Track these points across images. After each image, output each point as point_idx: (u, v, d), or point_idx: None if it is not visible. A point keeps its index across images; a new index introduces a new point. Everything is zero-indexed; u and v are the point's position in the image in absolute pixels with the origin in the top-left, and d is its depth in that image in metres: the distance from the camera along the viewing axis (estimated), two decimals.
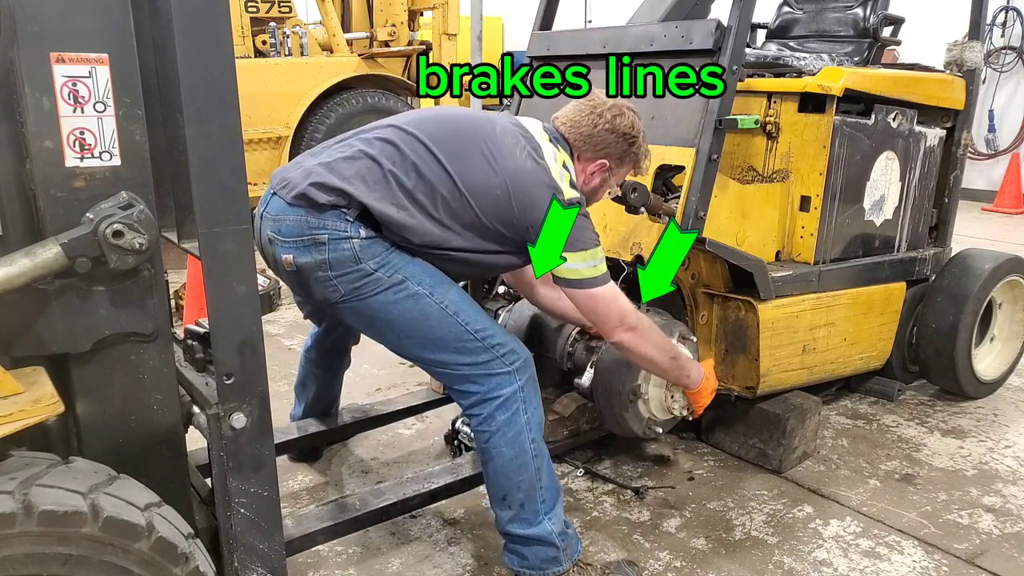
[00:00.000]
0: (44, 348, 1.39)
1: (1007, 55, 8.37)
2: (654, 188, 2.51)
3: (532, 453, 2.01)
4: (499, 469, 2.00)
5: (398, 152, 1.94)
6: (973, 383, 3.39)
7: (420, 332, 1.94)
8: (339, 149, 1.98)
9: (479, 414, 1.99)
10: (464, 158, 1.94)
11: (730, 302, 2.71)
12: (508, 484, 2.01)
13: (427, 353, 1.99)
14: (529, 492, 2.01)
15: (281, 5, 6.52)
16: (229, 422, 1.51)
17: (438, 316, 1.93)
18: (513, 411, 1.98)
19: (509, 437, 1.98)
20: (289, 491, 2.65)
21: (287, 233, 1.90)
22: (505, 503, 2.03)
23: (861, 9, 3.52)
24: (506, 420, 1.97)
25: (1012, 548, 2.40)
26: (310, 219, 1.88)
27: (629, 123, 2.12)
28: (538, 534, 2.03)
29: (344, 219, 1.88)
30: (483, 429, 2.00)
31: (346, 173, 1.90)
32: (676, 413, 2.42)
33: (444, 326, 1.94)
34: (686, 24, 2.56)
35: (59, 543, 1.22)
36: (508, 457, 1.99)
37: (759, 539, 2.43)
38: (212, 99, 1.38)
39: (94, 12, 1.32)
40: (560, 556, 2.06)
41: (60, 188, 1.34)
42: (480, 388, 1.97)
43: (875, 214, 3.06)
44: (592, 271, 1.99)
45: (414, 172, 1.92)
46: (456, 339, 1.94)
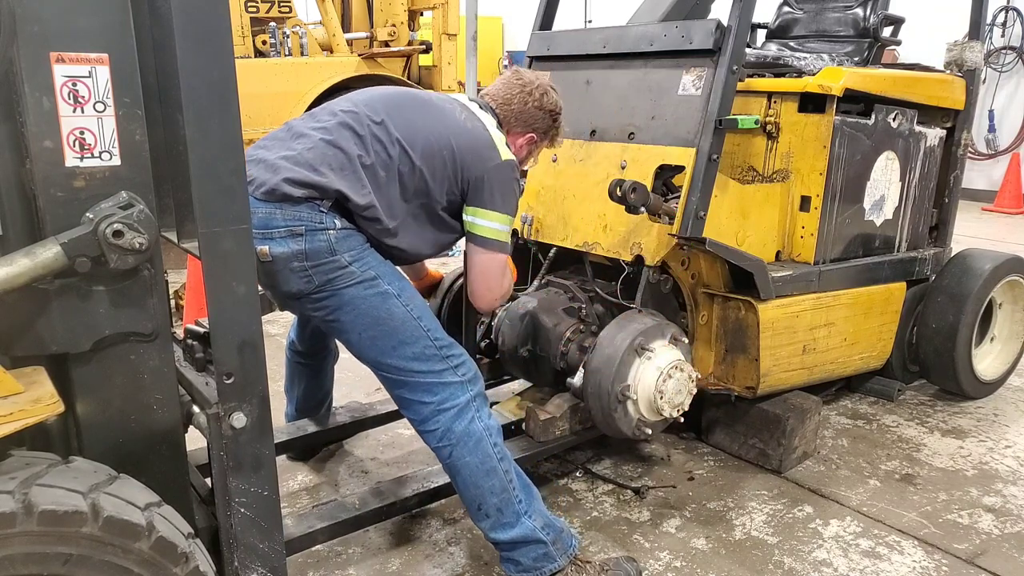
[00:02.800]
0: (44, 348, 1.39)
1: (1007, 55, 8.37)
2: (654, 188, 2.51)
3: (497, 457, 2.02)
4: (468, 480, 2.00)
5: (355, 135, 1.98)
6: (973, 383, 3.39)
7: (383, 331, 1.96)
8: (298, 141, 2.00)
9: (435, 429, 1.99)
10: (412, 128, 2.02)
11: (730, 302, 2.71)
12: (480, 492, 2.01)
13: (385, 356, 1.98)
14: (503, 496, 2.02)
15: (281, 5, 6.52)
16: (229, 422, 1.51)
17: (402, 318, 1.96)
18: (469, 419, 1.99)
19: (471, 446, 1.98)
20: (289, 491, 2.65)
21: (261, 225, 1.91)
22: (482, 512, 2.03)
23: (861, 9, 3.52)
24: (464, 430, 1.98)
25: (1012, 548, 2.40)
26: (285, 211, 1.91)
27: (554, 101, 2.27)
28: (522, 535, 2.03)
29: (319, 210, 1.92)
30: (443, 444, 1.99)
31: (315, 164, 1.93)
32: (666, 414, 2.42)
33: (407, 329, 1.96)
34: (686, 24, 2.56)
35: (59, 543, 1.22)
36: (474, 466, 1.99)
37: (759, 539, 2.43)
38: (212, 99, 1.38)
39: (94, 12, 1.31)
40: (551, 551, 2.06)
41: (60, 188, 1.34)
42: (434, 398, 1.98)
43: (875, 214, 3.06)
44: (504, 235, 2.11)
45: (372, 150, 1.97)
46: (416, 343, 1.97)
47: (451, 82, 6.44)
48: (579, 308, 2.70)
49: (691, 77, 2.50)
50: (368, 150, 1.97)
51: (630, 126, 2.64)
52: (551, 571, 2.07)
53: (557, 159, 2.84)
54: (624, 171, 2.58)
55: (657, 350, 2.39)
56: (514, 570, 2.08)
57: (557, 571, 2.07)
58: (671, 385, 2.39)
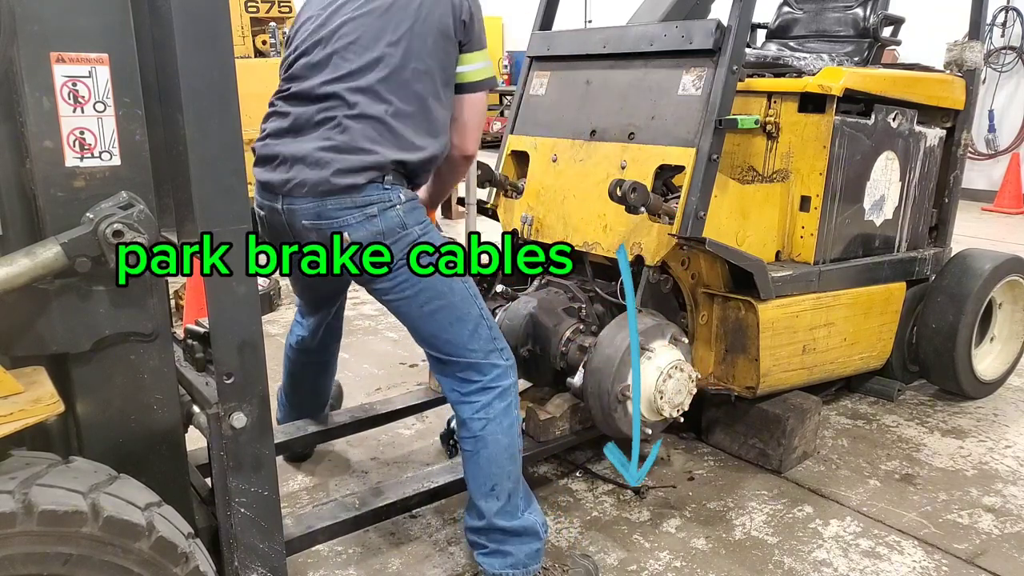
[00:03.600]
0: (44, 348, 1.39)
1: (1007, 55, 8.37)
2: (654, 188, 2.51)
3: (519, 447, 2.07)
4: (492, 457, 2.01)
5: (357, 88, 1.92)
6: (973, 383, 3.39)
7: (444, 305, 1.98)
8: (319, 120, 1.93)
9: (477, 401, 2.01)
10: (388, 33, 1.95)
11: (730, 302, 2.71)
12: (500, 473, 2.02)
13: (443, 331, 2.00)
14: (516, 485, 2.05)
15: (281, 5, 6.52)
16: (229, 422, 1.52)
17: (462, 294, 1.99)
18: (508, 403, 2.03)
19: (505, 427, 2.01)
20: (289, 491, 2.65)
21: (333, 215, 1.90)
22: (493, 494, 2.03)
23: (861, 9, 3.52)
24: (503, 409, 2.01)
25: (1012, 548, 2.40)
26: (354, 197, 1.90)
27: None
28: (523, 526, 2.05)
29: (382, 188, 1.92)
30: (480, 416, 2.01)
31: (359, 143, 1.89)
32: (666, 414, 2.42)
33: (465, 305, 1.99)
34: (686, 24, 2.56)
35: (59, 543, 1.22)
36: (503, 445, 2.01)
37: (759, 539, 2.43)
38: (212, 99, 1.38)
39: (94, 12, 1.32)
40: (542, 549, 2.09)
41: (60, 188, 1.34)
42: (483, 377, 2.01)
43: (875, 214, 3.06)
44: (489, 72, 2.12)
45: (376, 90, 1.92)
46: (471, 321, 1.99)
47: None
48: (579, 308, 2.70)
49: (691, 77, 2.50)
50: (378, 96, 1.91)
51: (630, 126, 2.64)
52: (534, 571, 2.08)
53: (557, 159, 2.84)
54: (624, 171, 2.58)
55: (657, 350, 2.39)
56: (500, 565, 2.06)
57: (539, 572, 2.09)
58: (671, 385, 2.39)
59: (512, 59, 13.67)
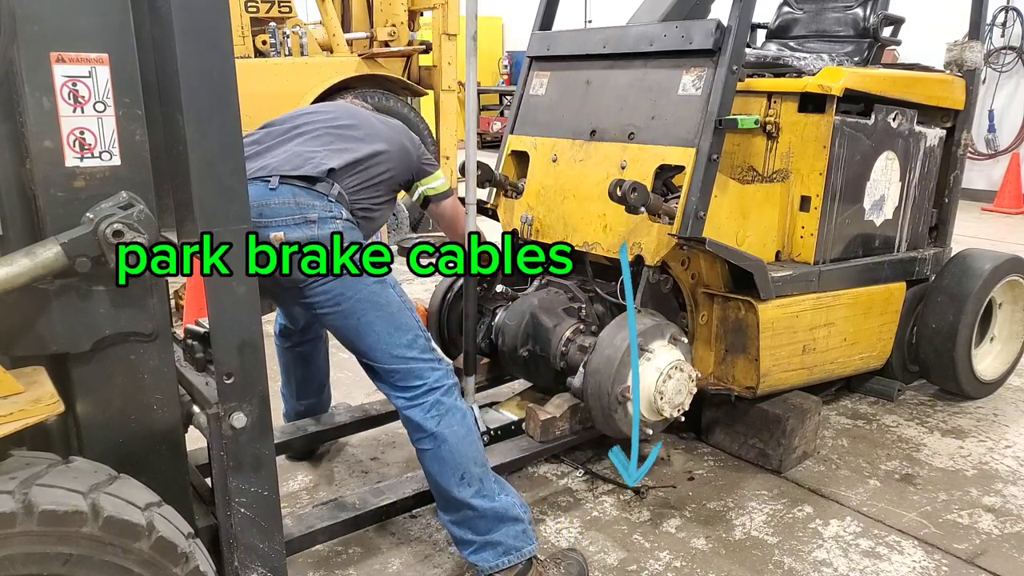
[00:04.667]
0: (44, 348, 1.39)
1: (1007, 55, 8.37)
2: (654, 188, 2.51)
3: (477, 435, 2.12)
4: (455, 447, 2.05)
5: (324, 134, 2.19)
6: (973, 383, 3.39)
7: (381, 317, 2.03)
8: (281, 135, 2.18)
9: (425, 401, 2.06)
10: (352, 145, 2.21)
11: (730, 302, 2.71)
12: (465, 460, 2.05)
13: (381, 341, 2.04)
14: (483, 469, 2.09)
15: (281, 5, 6.51)
16: (229, 422, 1.52)
17: (398, 306, 2.06)
18: (455, 397, 2.10)
19: (458, 417, 2.07)
20: (289, 491, 2.65)
21: (274, 214, 1.98)
22: (464, 481, 2.05)
23: (861, 9, 3.52)
24: (452, 403, 2.08)
25: (1012, 548, 2.40)
26: (299, 199, 1.99)
27: None
28: (503, 507, 2.08)
29: (326, 199, 2.02)
30: (433, 414, 2.05)
31: (313, 150, 2.09)
32: (666, 414, 2.42)
33: (403, 316, 2.06)
34: (686, 24, 2.56)
35: (59, 542, 1.22)
36: (461, 435, 2.06)
37: (759, 539, 2.43)
38: (212, 99, 1.38)
39: (94, 12, 1.31)
40: (528, 529, 2.10)
41: (60, 188, 1.34)
42: (424, 380, 2.07)
43: (875, 214, 3.06)
44: (447, 185, 2.46)
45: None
46: (409, 331, 2.06)
47: (451, 82, 6.43)
48: (579, 308, 2.70)
49: (691, 77, 2.50)
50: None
51: (630, 126, 2.64)
52: (530, 553, 2.08)
53: (557, 159, 2.84)
54: (624, 171, 2.58)
55: (657, 351, 2.39)
56: (493, 557, 2.06)
57: (532, 555, 2.09)
58: (671, 385, 2.39)
59: (512, 59, 13.66)
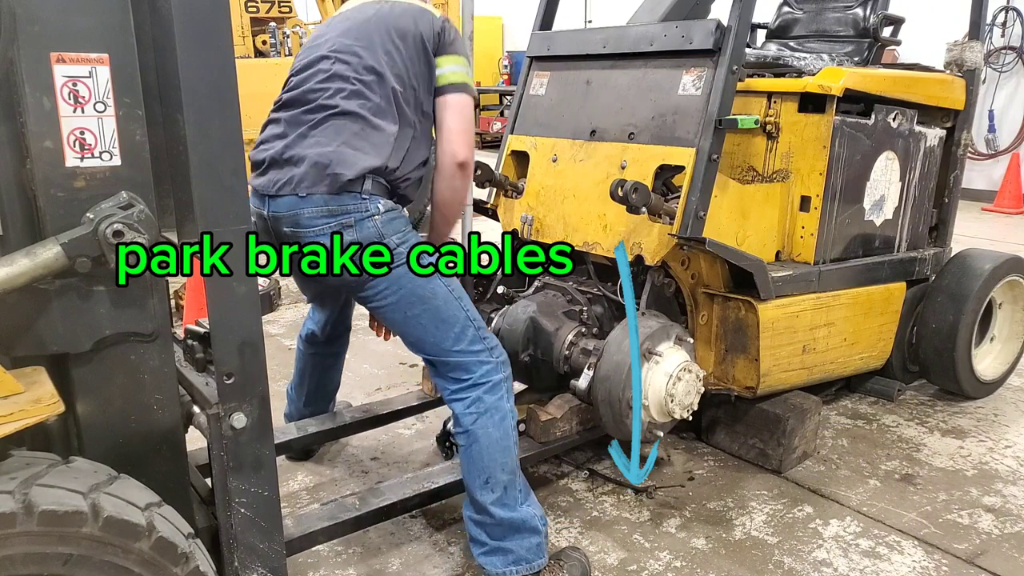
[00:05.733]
0: (44, 348, 1.39)
1: (1007, 55, 8.37)
2: (654, 188, 2.51)
3: (513, 440, 2.08)
4: (485, 450, 2.03)
5: (343, 80, 2.01)
6: (973, 383, 3.39)
7: (427, 310, 2.00)
8: (306, 117, 2.01)
9: (467, 397, 2.04)
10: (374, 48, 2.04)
11: (730, 302, 2.71)
12: (493, 465, 2.03)
13: (428, 334, 2.03)
14: (511, 477, 2.06)
15: (281, 5, 6.52)
16: (229, 422, 1.52)
17: (444, 297, 2.01)
18: (499, 396, 2.05)
19: (496, 419, 2.03)
20: (289, 491, 2.65)
21: (309, 224, 1.95)
22: (488, 486, 2.04)
23: (861, 9, 3.52)
24: (494, 403, 2.04)
25: (1012, 548, 2.40)
26: (330, 206, 1.94)
27: None
28: (522, 518, 2.05)
29: (359, 197, 1.96)
30: (472, 411, 2.03)
31: (337, 147, 1.96)
32: (677, 416, 2.42)
33: (449, 307, 2.02)
34: (686, 24, 2.56)
35: (59, 543, 1.22)
36: (495, 438, 2.03)
37: (759, 539, 2.43)
38: (212, 99, 1.38)
39: (94, 12, 1.32)
40: (543, 544, 2.09)
41: (60, 188, 1.34)
42: (471, 375, 2.04)
43: (875, 214, 3.06)
44: (467, 77, 2.13)
45: (361, 92, 2.01)
46: (456, 323, 2.02)
47: None
48: (580, 311, 2.70)
49: (691, 77, 2.50)
50: (360, 95, 2.00)
51: (630, 126, 2.64)
52: (539, 567, 2.07)
53: (557, 159, 2.84)
54: (624, 171, 2.58)
55: (665, 353, 2.40)
56: (502, 564, 2.05)
57: (542, 568, 2.08)
58: (681, 388, 2.39)
59: (512, 59, 13.66)
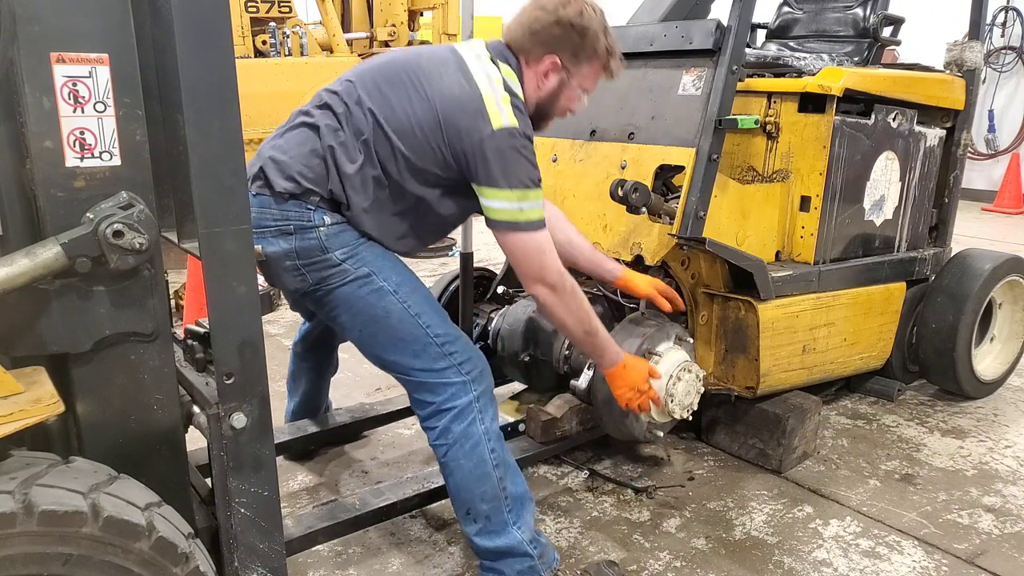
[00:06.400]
0: (44, 348, 1.39)
1: (1007, 55, 8.37)
2: (654, 188, 2.51)
3: (493, 463, 1.96)
4: (460, 483, 1.96)
5: (332, 112, 1.89)
6: (973, 383, 3.39)
7: (381, 329, 1.92)
8: (289, 123, 1.95)
9: (435, 427, 1.95)
10: (390, 99, 1.86)
11: (730, 302, 2.71)
12: (470, 497, 1.97)
13: (385, 353, 1.95)
14: (493, 503, 1.97)
15: (281, 5, 6.51)
16: (229, 422, 1.51)
17: (399, 315, 1.90)
18: (469, 422, 1.93)
19: (467, 449, 1.93)
20: (289, 491, 2.65)
21: (258, 223, 1.86)
22: (470, 517, 1.99)
23: (861, 9, 3.52)
24: (462, 431, 1.93)
25: (1012, 548, 2.40)
26: (272, 209, 1.87)
27: (577, 11, 1.91)
28: (508, 545, 1.99)
29: (305, 207, 1.86)
30: (440, 443, 1.95)
31: (292, 155, 1.87)
32: (677, 416, 2.43)
33: (405, 326, 1.90)
34: (686, 24, 2.56)
35: (59, 543, 1.21)
36: (467, 469, 1.94)
37: (759, 539, 2.43)
38: (212, 99, 1.38)
39: (94, 12, 1.31)
40: (537, 565, 2.03)
41: (60, 188, 1.34)
42: (435, 398, 1.94)
43: (875, 214, 3.06)
44: (519, 214, 1.83)
45: (345, 128, 1.87)
46: (415, 341, 1.91)
47: None
48: None
49: (691, 77, 2.50)
50: (340, 130, 1.86)
51: (630, 126, 2.64)
52: None
53: (557, 159, 2.84)
54: (624, 171, 2.58)
55: (664, 353, 2.40)
56: None
57: None
58: (680, 387, 2.39)
59: None
